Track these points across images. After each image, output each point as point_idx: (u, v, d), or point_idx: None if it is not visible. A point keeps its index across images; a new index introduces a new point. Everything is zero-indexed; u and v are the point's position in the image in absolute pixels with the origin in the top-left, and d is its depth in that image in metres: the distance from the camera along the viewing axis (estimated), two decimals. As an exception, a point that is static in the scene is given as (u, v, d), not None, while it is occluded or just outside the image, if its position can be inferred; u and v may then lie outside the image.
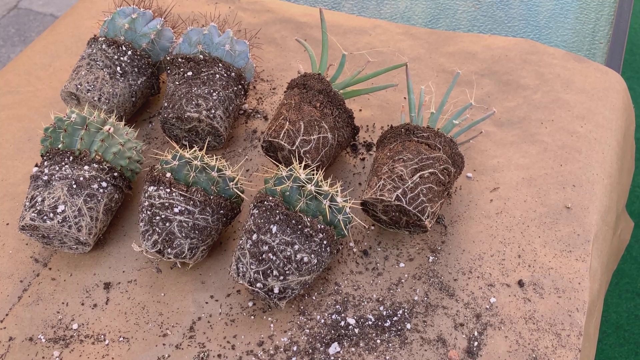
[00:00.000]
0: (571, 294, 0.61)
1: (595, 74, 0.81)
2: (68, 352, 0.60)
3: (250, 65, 0.76)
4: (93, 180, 0.63)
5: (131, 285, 0.64)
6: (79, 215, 0.61)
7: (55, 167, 0.63)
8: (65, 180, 0.62)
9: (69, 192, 0.62)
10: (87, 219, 0.62)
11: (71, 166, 0.63)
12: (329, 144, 0.66)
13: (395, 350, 0.58)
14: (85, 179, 0.63)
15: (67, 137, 0.65)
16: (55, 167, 0.63)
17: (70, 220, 0.61)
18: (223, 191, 0.62)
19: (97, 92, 0.71)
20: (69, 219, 0.61)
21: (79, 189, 0.62)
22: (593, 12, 0.92)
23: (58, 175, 0.62)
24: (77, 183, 0.62)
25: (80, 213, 0.61)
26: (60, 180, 0.62)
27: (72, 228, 0.61)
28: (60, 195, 0.61)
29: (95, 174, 0.63)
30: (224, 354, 0.59)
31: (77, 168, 0.63)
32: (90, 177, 0.63)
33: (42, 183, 0.62)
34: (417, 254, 0.65)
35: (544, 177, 0.71)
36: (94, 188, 0.63)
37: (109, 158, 0.65)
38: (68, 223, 0.61)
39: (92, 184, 0.63)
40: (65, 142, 0.65)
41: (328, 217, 0.59)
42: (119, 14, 0.76)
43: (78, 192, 0.62)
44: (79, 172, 0.63)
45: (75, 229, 0.61)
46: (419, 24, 0.92)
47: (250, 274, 0.57)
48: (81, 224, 0.61)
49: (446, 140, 0.64)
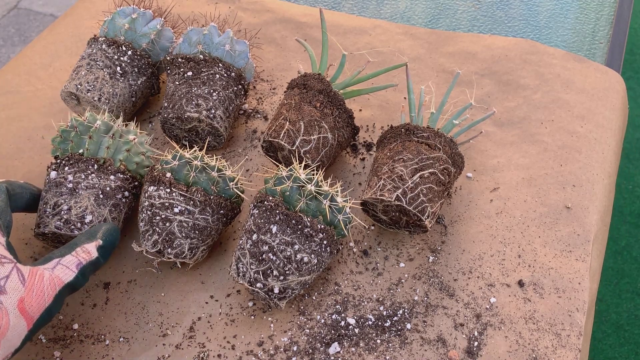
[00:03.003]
0: (571, 294, 0.61)
1: (595, 74, 0.81)
2: (68, 352, 0.60)
3: (250, 65, 0.76)
4: (118, 190, 0.63)
5: (131, 285, 0.64)
6: None
7: (80, 174, 0.62)
8: (93, 190, 0.62)
9: (95, 202, 0.61)
10: None
11: (97, 175, 0.63)
12: (329, 144, 0.66)
13: (395, 350, 0.58)
14: (112, 189, 0.63)
15: (92, 144, 0.64)
16: (81, 175, 0.62)
17: None
18: (223, 191, 0.62)
19: (97, 92, 0.71)
20: None
21: (106, 199, 0.62)
22: (593, 12, 0.92)
23: (84, 184, 0.62)
24: (104, 193, 0.62)
25: None
26: (87, 189, 0.62)
27: None
28: (87, 205, 0.61)
29: (120, 184, 0.63)
30: (224, 354, 0.59)
31: (104, 178, 0.63)
32: (115, 187, 0.63)
33: (67, 190, 0.61)
34: (417, 254, 0.65)
35: (544, 177, 0.71)
36: (119, 198, 0.63)
37: (132, 168, 0.65)
38: None
39: (117, 194, 0.63)
40: (90, 149, 0.64)
41: (328, 217, 0.59)
42: (119, 14, 0.76)
43: (105, 202, 0.62)
44: (106, 181, 0.62)
45: None
46: (419, 24, 0.92)
47: (250, 274, 0.57)
48: None
49: (446, 140, 0.64)
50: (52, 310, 0.52)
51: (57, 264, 0.53)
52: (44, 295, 0.51)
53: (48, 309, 0.51)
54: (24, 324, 0.49)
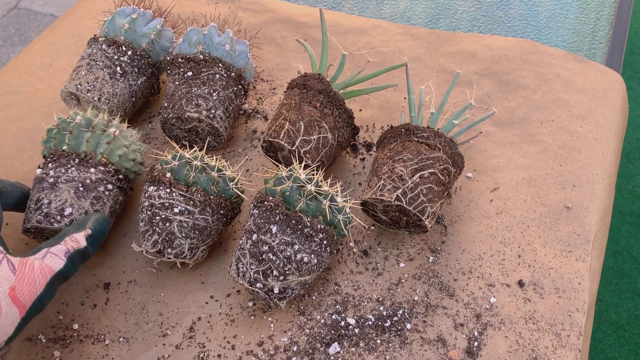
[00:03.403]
0: (571, 294, 0.61)
1: (595, 74, 0.81)
2: (68, 352, 0.60)
3: (250, 65, 0.76)
4: (99, 182, 0.63)
5: (131, 285, 0.64)
6: None
7: (61, 169, 0.63)
8: (72, 183, 0.62)
9: (75, 194, 0.61)
10: None
11: (77, 168, 0.63)
12: (329, 144, 0.66)
13: (395, 350, 0.58)
14: (92, 182, 0.63)
15: (73, 139, 0.64)
16: (61, 169, 0.63)
17: None
18: (223, 191, 0.62)
19: (97, 92, 0.71)
20: None
21: (86, 192, 0.62)
22: (593, 12, 0.92)
23: (64, 178, 0.62)
24: (84, 185, 0.62)
25: None
26: (67, 182, 0.62)
27: None
28: (67, 198, 0.61)
29: (101, 177, 0.63)
30: (224, 354, 0.59)
31: (84, 170, 0.63)
32: (96, 180, 0.63)
33: (48, 185, 0.62)
34: (417, 254, 0.65)
35: (544, 177, 0.71)
36: (100, 191, 0.63)
37: (115, 160, 0.65)
38: None
39: (99, 187, 0.63)
40: (71, 144, 0.64)
41: (328, 217, 0.59)
42: (119, 14, 0.76)
43: (85, 195, 0.62)
44: (86, 174, 0.63)
45: None
46: (419, 24, 0.92)
47: (250, 274, 0.57)
48: None
49: (446, 140, 0.64)
50: (44, 299, 0.53)
51: (47, 252, 0.54)
52: (35, 283, 0.52)
53: (40, 297, 0.52)
54: (17, 312, 0.50)
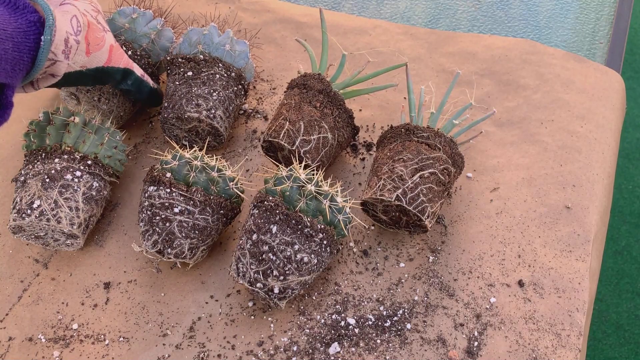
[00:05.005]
0: (571, 294, 0.61)
1: (595, 74, 0.81)
2: (68, 352, 0.60)
3: (250, 65, 0.76)
4: (65, 171, 0.64)
5: (131, 285, 0.64)
6: (56, 207, 0.61)
7: (29, 166, 0.64)
8: (38, 176, 0.63)
9: (42, 186, 0.62)
10: (65, 209, 0.62)
11: (42, 162, 0.64)
12: (329, 144, 0.66)
13: (395, 350, 0.58)
14: (57, 171, 0.63)
15: (37, 136, 0.66)
16: (29, 166, 0.64)
17: (48, 213, 0.61)
18: (223, 191, 0.62)
19: (97, 92, 0.71)
20: (45, 212, 0.61)
21: (52, 182, 0.62)
22: (593, 12, 0.92)
23: (32, 173, 0.63)
24: (50, 176, 0.63)
25: (57, 205, 0.62)
26: (34, 177, 0.63)
27: (51, 221, 0.61)
28: (34, 192, 0.62)
29: (66, 165, 0.64)
30: (224, 354, 0.59)
31: (48, 162, 0.64)
32: (62, 169, 0.64)
33: (20, 184, 0.64)
34: (417, 254, 0.65)
35: (544, 177, 0.71)
36: (68, 179, 0.63)
37: (80, 147, 0.66)
38: (46, 216, 0.61)
39: (65, 175, 0.63)
40: (36, 141, 0.66)
41: (328, 217, 0.59)
42: (119, 13, 0.76)
43: (52, 185, 0.62)
44: (50, 165, 0.64)
45: (55, 221, 0.61)
46: (419, 24, 0.92)
47: (250, 274, 0.57)
48: (60, 215, 0.61)
49: (446, 140, 0.64)
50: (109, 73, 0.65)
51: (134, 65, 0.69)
52: (122, 58, 0.66)
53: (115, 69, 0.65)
54: (105, 58, 0.64)
